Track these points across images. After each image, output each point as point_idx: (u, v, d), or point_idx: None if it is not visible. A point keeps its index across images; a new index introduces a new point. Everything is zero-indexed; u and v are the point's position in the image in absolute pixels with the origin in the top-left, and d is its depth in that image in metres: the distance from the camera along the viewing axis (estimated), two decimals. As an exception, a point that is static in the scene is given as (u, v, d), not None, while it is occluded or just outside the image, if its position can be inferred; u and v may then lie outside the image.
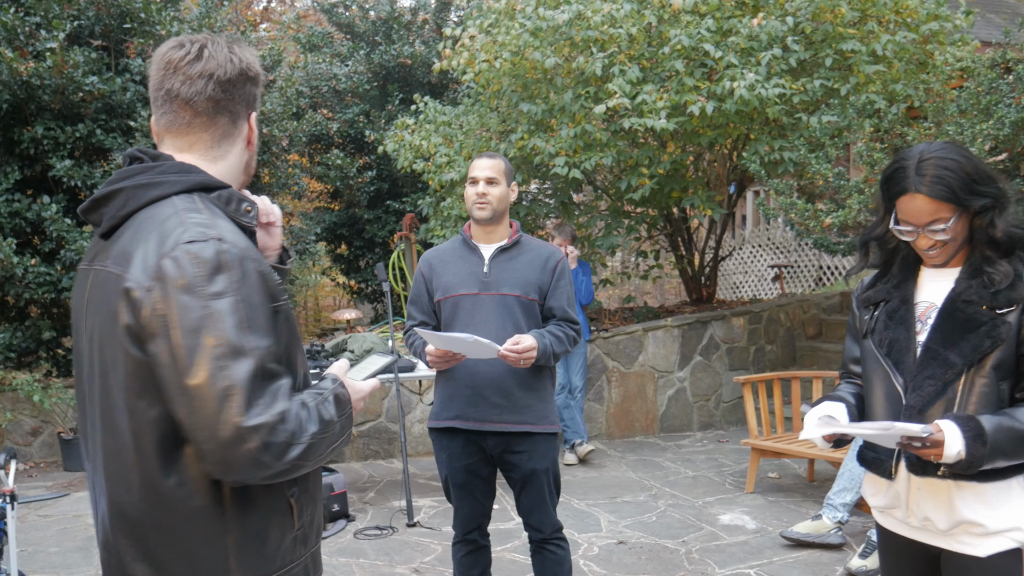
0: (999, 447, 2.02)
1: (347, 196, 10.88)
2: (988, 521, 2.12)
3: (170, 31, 7.75)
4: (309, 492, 1.73)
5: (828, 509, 4.84)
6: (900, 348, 2.21)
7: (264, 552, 1.60)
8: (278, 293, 1.58)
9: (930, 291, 2.25)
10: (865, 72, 6.75)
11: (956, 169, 2.11)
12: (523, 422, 3.29)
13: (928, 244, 2.16)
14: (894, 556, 2.37)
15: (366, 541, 5.13)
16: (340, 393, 1.66)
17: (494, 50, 7.28)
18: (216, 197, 1.63)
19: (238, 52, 1.71)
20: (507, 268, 3.33)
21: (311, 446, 1.50)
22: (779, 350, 8.70)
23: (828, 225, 6.37)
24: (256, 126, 1.77)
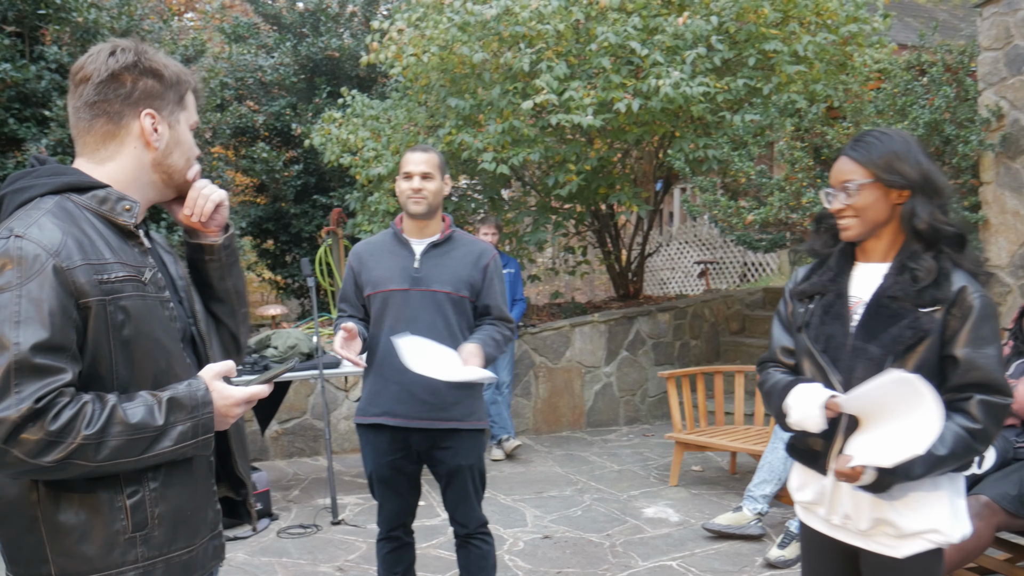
0: (907, 472, 2.05)
1: (273, 190, 10.70)
2: (906, 523, 2.13)
3: (87, 18, 7.51)
4: (170, 495, 1.71)
5: (748, 501, 4.93)
6: (836, 345, 2.21)
7: (83, 549, 1.62)
8: (88, 291, 1.59)
9: (860, 286, 2.26)
10: (787, 72, 6.89)
11: (884, 143, 2.19)
12: (451, 419, 3.27)
13: (839, 207, 2.21)
14: (815, 553, 2.39)
15: (289, 540, 5.06)
16: (182, 397, 1.66)
17: (422, 44, 7.23)
18: (90, 197, 1.69)
19: (122, 53, 1.74)
20: (438, 264, 3.29)
21: (82, 448, 1.52)
22: (703, 345, 8.84)
23: (750, 222, 6.48)
24: (167, 123, 1.78)
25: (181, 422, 1.64)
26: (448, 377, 2.97)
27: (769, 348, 2.46)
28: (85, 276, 1.59)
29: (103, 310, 1.61)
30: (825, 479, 2.26)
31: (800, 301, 2.34)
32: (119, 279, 1.64)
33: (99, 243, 1.65)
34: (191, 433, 1.65)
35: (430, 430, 3.27)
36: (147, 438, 1.59)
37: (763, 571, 4.45)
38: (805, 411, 2.16)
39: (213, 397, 1.70)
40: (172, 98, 1.77)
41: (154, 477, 1.68)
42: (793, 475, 2.43)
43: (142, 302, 1.68)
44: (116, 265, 1.65)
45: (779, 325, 2.44)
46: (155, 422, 1.60)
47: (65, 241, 1.59)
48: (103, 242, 1.66)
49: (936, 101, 6.26)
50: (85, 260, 1.60)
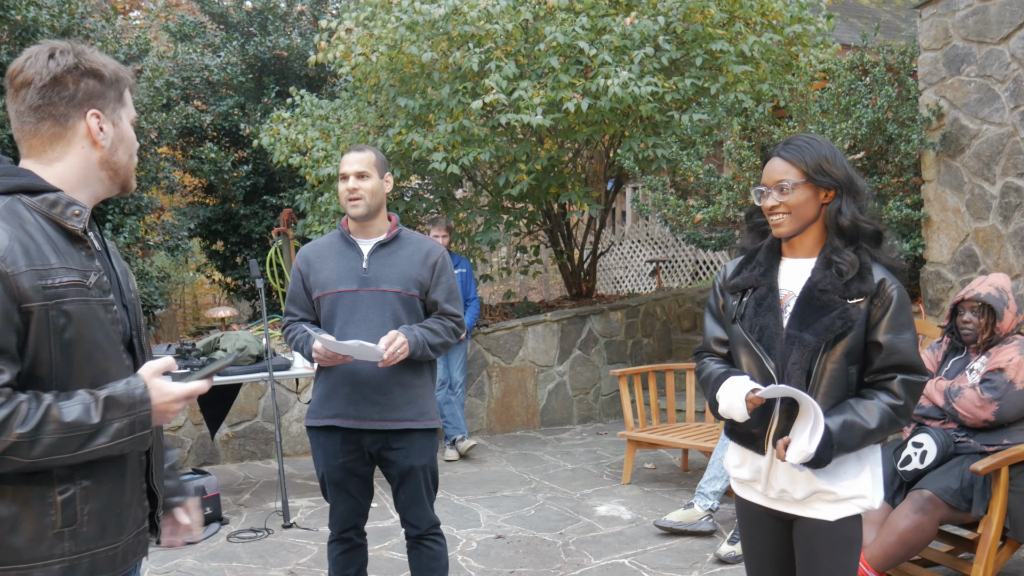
0: (845, 445, 2.26)
1: (222, 191, 10.58)
2: (839, 489, 2.34)
3: (26, 16, 7.35)
4: (101, 492, 1.76)
5: (699, 497, 4.98)
6: (770, 334, 2.37)
7: (12, 541, 1.65)
8: (31, 295, 1.62)
9: (789, 280, 2.43)
10: (733, 72, 6.96)
11: (814, 147, 2.37)
12: (403, 419, 3.26)
13: (772, 204, 2.36)
14: (751, 524, 2.57)
15: (239, 544, 5.00)
16: (119, 395, 1.69)
17: (371, 43, 7.19)
18: (40, 200, 1.72)
19: (62, 55, 1.76)
20: (386, 264, 3.28)
21: (16, 445, 1.56)
22: (655, 343, 8.90)
23: (699, 220, 6.55)
24: (111, 121, 1.81)
25: (118, 419, 1.67)
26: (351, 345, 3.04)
27: (703, 339, 2.63)
28: (29, 281, 1.62)
29: (45, 314, 1.64)
30: (761, 459, 2.43)
31: (732, 295, 2.49)
32: (63, 284, 1.67)
33: (45, 247, 1.68)
34: (127, 430, 1.69)
35: (382, 431, 3.26)
36: (82, 435, 1.63)
37: (714, 567, 4.49)
38: (731, 402, 2.35)
39: (152, 394, 1.73)
40: (113, 96, 1.80)
41: (86, 475, 1.72)
42: (731, 454, 2.57)
43: (85, 306, 1.71)
44: (61, 270, 1.68)
45: (711, 317, 2.61)
46: (91, 420, 1.64)
47: (11, 246, 1.62)
48: (50, 246, 1.69)
49: (879, 100, 6.38)
50: (30, 265, 1.63)
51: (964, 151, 6.15)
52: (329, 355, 3.16)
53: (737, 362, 2.47)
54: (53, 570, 1.69)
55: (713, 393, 2.44)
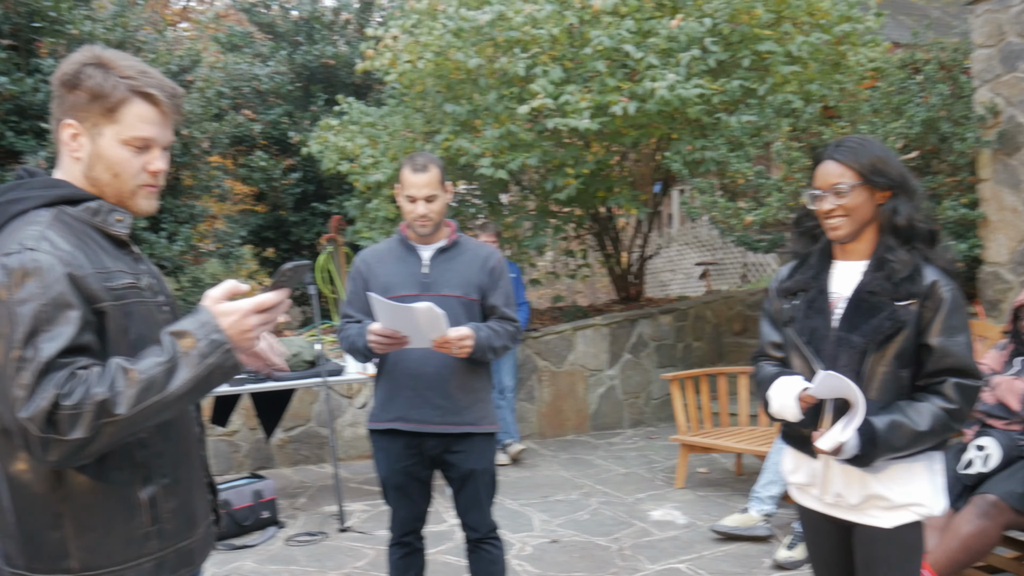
0: (891, 445, 2.23)
1: (272, 198, 10.71)
2: (894, 495, 2.31)
3: (82, 30, 7.53)
4: (179, 490, 1.82)
5: (755, 502, 4.94)
6: (819, 336, 2.37)
7: (106, 545, 1.71)
8: (102, 296, 1.67)
9: (841, 283, 2.42)
10: (781, 72, 6.90)
11: (867, 147, 2.35)
12: (464, 423, 3.28)
13: (830, 207, 2.34)
14: (813, 531, 2.56)
15: (297, 548, 5.07)
16: (183, 324, 1.67)
17: (417, 50, 7.25)
18: (83, 209, 1.76)
19: (69, 64, 1.77)
20: (446, 269, 3.31)
21: (102, 407, 1.55)
22: (706, 347, 8.85)
23: (749, 223, 6.50)
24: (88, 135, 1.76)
25: (191, 346, 1.63)
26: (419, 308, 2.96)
27: (760, 343, 2.62)
28: (96, 283, 1.67)
29: (115, 314, 1.70)
30: (816, 462, 2.42)
31: (785, 298, 2.49)
32: (122, 286, 1.73)
33: (99, 252, 1.73)
34: (207, 351, 1.64)
35: (443, 435, 3.28)
36: (161, 373, 1.61)
37: (772, 572, 4.46)
38: (782, 402, 2.35)
39: (217, 317, 1.68)
40: (97, 111, 1.74)
41: (164, 474, 1.78)
42: (786, 459, 2.56)
43: (143, 307, 1.77)
44: (117, 273, 1.73)
45: (767, 321, 2.60)
46: (161, 356, 1.62)
47: (74, 251, 1.66)
48: (102, 251, 1.74)
49: (931, 99, 6.29)
50: (93, 268, 1.68)
51: (1021, 149, 6.04)
52: (387, 334, 3.10)
53: (791, 365, 2.47)
54: (144, 569, 1.76)
55: (765, 394, 2.44)
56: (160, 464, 1.77)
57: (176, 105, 1.83)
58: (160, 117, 1.80)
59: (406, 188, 3.27)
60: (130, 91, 1.76)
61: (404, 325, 3.06)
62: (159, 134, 1.81)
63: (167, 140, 1.84)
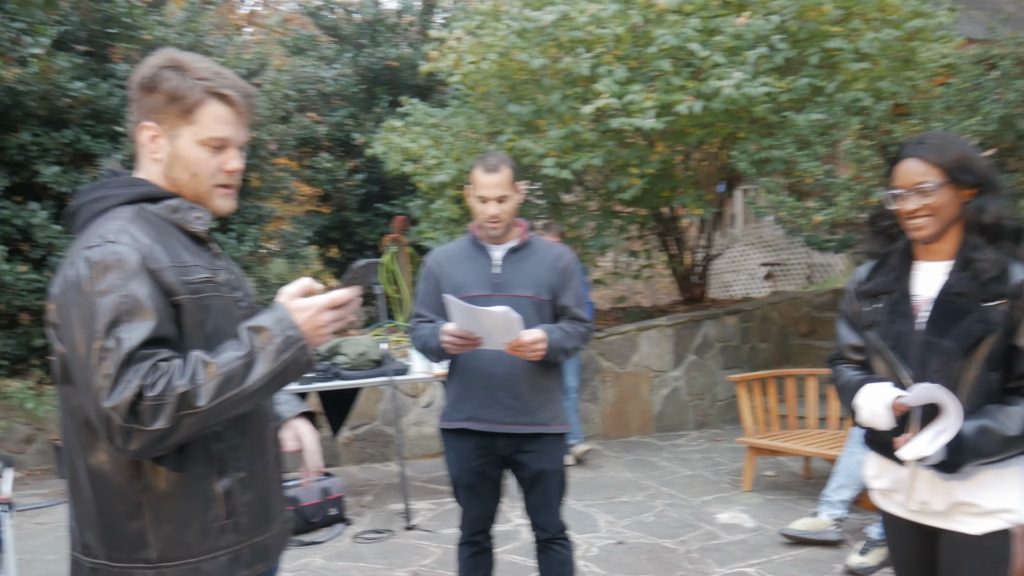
0: (979, 451, 2.16)
1: (337, 199, 10.86)
2: (983, 501, 2.24)
3: (155, 36, 7.72)
4: (255, 484, 1.84)
5: (826, 506, 4.86)
6: (905, 342, 2.30)
7: (183, 536, 1.74)
8: (179, 289, 1.70)
9: (923, 285, 2.34)
10: (850, 70, 6.77)
11: (952, 144, 2.28)
12: (535, 423, 3.27)
13: (914, 207, 2.26)
14: (896, 537, 2.50)
15: (364, 545, 5.12)
16: (259, 320, 1.70)
17: (481, 51, 7.28)
18: (163, 207, 1.80)
19: (146, 67, 1.81)
20: (518, 269, 3.30)
21: (183, 399, 1.58)
22: (772, 348, 8.73)
23: (818, 223, 6.40)
24: (166, 137, 1.80)
25: (268, 342, 1.66)
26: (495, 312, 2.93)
27: (837, 346, 2.55)
28: (174, 276, 1.71)
29: (192, 307, 1.73)
30: (900, 468, 2.35)
31: (865, 300, 2.42)
32: (199, 280, 1.76)
33: (178, 248, 1.77)
34: (283, 346, 1.67)
35: (514, 435, 3.28)
36: (239, 367, 1.64)
37: (842, 577, 4.39)
38: (873, 410, 2.27)
39: (292, 313, 1.71)
40: (174, 112, 1.78)
41: (240, 467, 1.81)
42: (870, 465, 2.50)
43: (219, 301, 1.80)
44: (195, 267, 1.77)
45: (845, 324, 2.53)
46: (240, 351, 1.65)
47: (152, 245, 1.70)
48: (181, 247, 1.77)
49: (1008, 95, 6.12)
50: (171, 262, 1.72)
51: (1104, 145, 5.86)
52: (461, 335, 3.09)
53: (873, 369, 2.40)
54: (220, 562, 1.78)
55: (851, 400, 2.37)
56: (236, 458, 1.80)
57: (250, 105, 1.86)
58: (235, 117, 1.84)
59: (478, 188, 3.25)
60: (206, 92, 1.79)
61: (479, 327, 3.06)
62: (234, 134, 1.84)
63: (242, 140, 1.87)
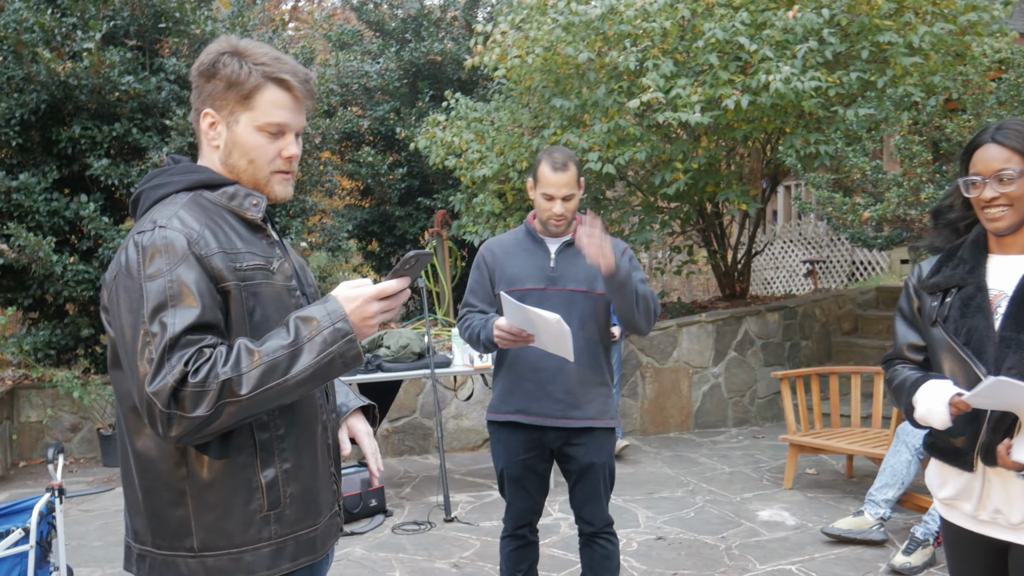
0: None
1: (378, 193, 10.89)
2: None
3: (204, 30, 7.80)
4: (300, 476, 1.81)
5: (870, 505, 4.80)
6: (980, 337, 2.15)
7: (225, 526, 1.72)
8: (227, 276, 1.70)
9: (999, 278, 2.20)
10: (902, 64, 6.66)
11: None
12: (585, 417, 3.25)
13: (992, 195, 2.14)
14: (960, 551, 2.34)
15: (404, 536, 5.15)
16: (309, 311, 1.69)
17: (526, 45, 7.26)
18: (220, 194, 1.81)
19: (206, 54, 1.82)
20: (573, 263, 3.24)
21: (226, 386, 1.57)
22: (814, 346, 8.64)
23: (866, 219, 6.31)
24: (225, 123, 1.81)
25: (316, 333, 1.65)
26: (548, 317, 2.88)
27: (894, 346, 2.42)
28: (222, 262, 1.70)
29: (239, 294, 1.71)
30: (968, 475, 2.21)
31: (932, 295, 2.28)
32: (250, 267, 1.75)
33: (231, 234, 1.76)
34: (331, 339, 1.66)
35: (564, 428, 3.26)
36: (284, 357, 1.62)
37: (887, 577, 4.34)
38: (930, 407, 2.15)
39: (341, 303, 1.70)
40: (234, 98, 1.78)
41: (286, 458, 1.78)
42: (932, 473, 2.36)
43: (271, 289, 1.78)
44: (247, 254, 1.76)
45: (903, 322, 2.39)
46: (286, 340, 1.64)
47: (202, 231, 1.70)
48: (235, 234, 1.77)
49: (1065, 90, 5.99)
50: (220, 248, 1.71)
51: None
52: (513, 332, 3.05)
53: (938, 369, 2.25)
54: (263, 553, 1.75)
55: (909, 398, 2.23)
56: (282, 448, 1.77)
57: (309, 90, 1.85)
58: (293, 103, 1.82)
59: (543, 186, 3.18)
60: (264, 77, 1.78)
61: (532, 326, 3.02)
62: (293, 119, 1.82)
63: (300, 125, 1.85)
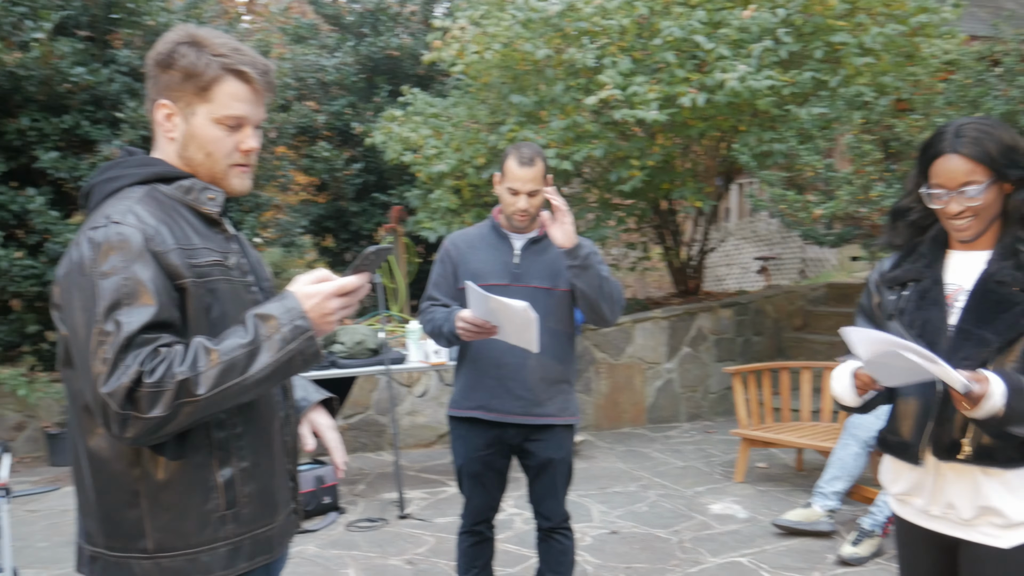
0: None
1: (333, 188, 10.82)
2: (1012, 511, 2.08)
3: (158, 22, 7.68)
4: (258, 474, 1.78)
5: (819, 497, 4.87)
6: (934, 329, 2.13)
7: (181, 526, 1.69)
8: (184, 272, 1.66)
9: (958, 273, 2.20)
10: (854, 64, 6.77)
11: (996, 136, 2.08)
12: (545, 415, 3.25)
13: (958, 210, 2.10)
14: (910, 547, 2.33)
15: (358, 533, 5.12)
16: (267, 308, 1.66)
17: (484, 41, 7.26)
18: (176, 187, 1.76)
19: (163, 43, 1.76)
20: (537, 260, 3.24)
21: (183, 386, 1.54)
22: (766, 341, 8.74)
23: (818, 216, 6.40)
24: (182, 115, 1.76)
25: (274, 331, 1.62)
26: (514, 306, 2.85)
27: None
28: (179, 259, 1.66)
29: (197, 291, 1.68)
30: (918, 469, 2.21)
31: (891, 289, 2.28)
32: (207, 263, 1.71)
33: (188, 229, 1.72)
34: (290, 336, 1.62)
35: (525, 425, 3.26)
36: (242, 356, 1.59)
37: (836, 568, 4.40)
38: (842, 383, 2.22)
39: (300, 300, 1.66)
40: (191, 89, 1.73)
41: (243, 457, 1.75)
42: (886, 468, 2.36)
43: (228, 286, 1.75)
44: (204, 250, 1.72)
45: (863, 318, 2.37)
46: (244, 339, 1.60)
47: (158, 227, 1.66)
48: (191, 229, 1.73)
49: (1011, 92, 6.12)
50: (177, 244, 1.67)
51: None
52: (477, 324, 3.02)
53: None
54: (219, 553, 1.72)
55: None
56: (239, 447, 1.74)
57: (269, 83, 1.80)
58: (253, 95, 1.77)
59: (509, 180, 3.15)
60: (223, 69, 1.73)
61: (495, 317, 2.99)
62: (252, 112, 1.78)
63: (259, 118, 1.81)
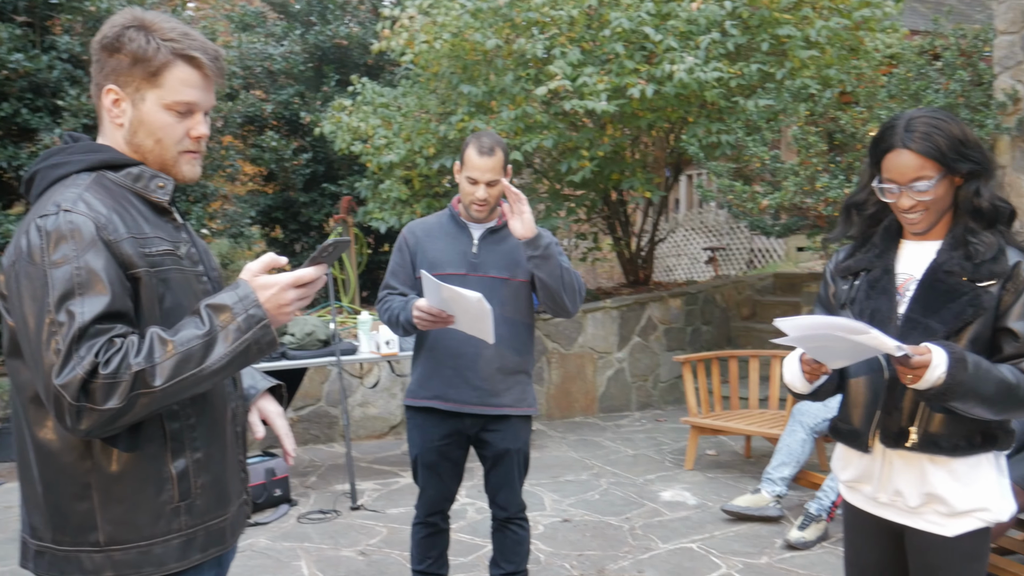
0: (979, 380, 1.98)
1: (282, 179, 10.70)
2: (957, 500, 2.12)
3: (99, 7, 7.51)
4: (211, 465, 1.77)
5: (767, 483, 4.95)
6: (882, 318, 2.16)
7: (133, 518, 1.67)
8: (137, 262, 1.64)
9: (909, 263, 2.23)
10: (800, 57, 6.88)
11: (945, 130, 2.09)
12: (502, 405, 3.25)
13: (910, 204, 2.13)
14: (858, 533, 2.37)
15: (310, 525, 5.09)
16: (221, 298, 1.64)
17: (434, 31, 7.23)
18: (124, 175, 1.73)
19: (109, 27, 1.72)
20: (495, 250, 3.24)
21: (138, 377, 1.52)
22: (715, 331, 8.85)
23: (765, 207, 6.49)
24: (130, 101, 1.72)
25: (229, 321, 1.61)
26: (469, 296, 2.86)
27: None
28: (131, 248, 1.63)
29: (150, 281, 1.66)
30: (867, 457, 2.25)
31: (844, 279, 2.31)
32: (159, 252, 1.69)
33: (138, 218, 1.69)
34: (245, 326, 1.61)
35: (481, 415, 3.26)
36: (199, 346, 1.58)
37: (783, 552, 4.48)
38: (791, 370, 2.26)
39: (255, 290, 1.65)
40: (139, 74, 1.70)
41: (197, 448, 1.73)
42: (837, 456, 2.40)
43: (180, 275, 1.73)
44: (155, 239, 1.70)
45: (820, 308, 2.40)
46: (200, 329, 1.59)
47: (110, 216, 1.63)
48: (141, 217, 1.71)
49: (951, 85, 6.26)
50: (129, 233, 1.65)
51: (1040, 136, 6.02)
52: (433, 313, 3.01)
53: None
54: (172, 545, 1.71)
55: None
56: (192, 438, 1.72)
57: (219, 68, 1.77)
58: (203, 81, 1.75)
59: (468, 169, 3.14)
60: (173, 54, 1.70)
61: (451, 307, 2.99)
62: (202, 98, 1.75)
63: (209, 104, 1.78)
